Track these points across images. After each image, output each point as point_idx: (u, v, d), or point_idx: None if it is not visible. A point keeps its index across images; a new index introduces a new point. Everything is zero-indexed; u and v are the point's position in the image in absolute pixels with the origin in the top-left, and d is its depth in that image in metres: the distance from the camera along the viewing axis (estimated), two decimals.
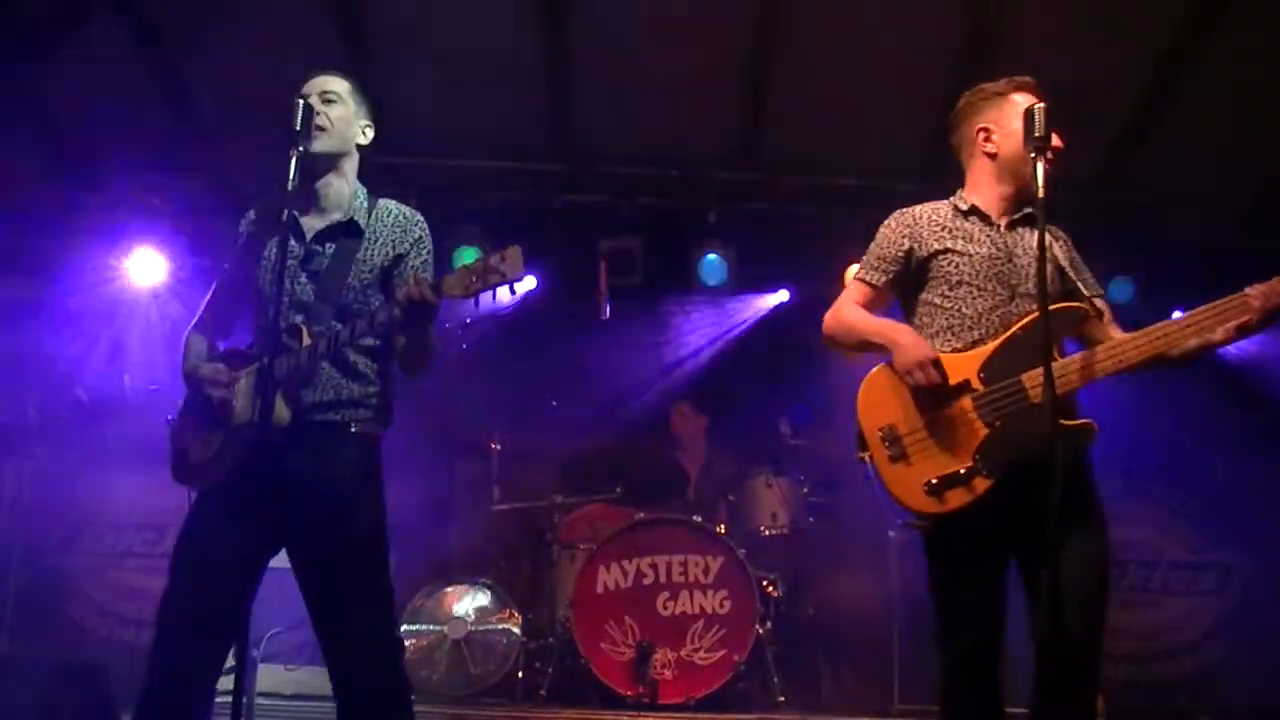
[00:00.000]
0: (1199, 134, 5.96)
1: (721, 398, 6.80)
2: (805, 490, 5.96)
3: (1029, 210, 2.94)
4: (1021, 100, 2.92)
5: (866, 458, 2.81)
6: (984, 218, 2.95)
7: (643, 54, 5.93)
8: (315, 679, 4.83)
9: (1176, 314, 2.74)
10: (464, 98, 6.06)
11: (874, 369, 2.93)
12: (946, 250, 2.91)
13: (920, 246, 2.95)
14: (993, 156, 2.97)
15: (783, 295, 7.15)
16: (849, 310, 2.99)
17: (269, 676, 4.97)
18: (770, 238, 6.77)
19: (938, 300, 2.92)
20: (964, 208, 2.98)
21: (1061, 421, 2.55)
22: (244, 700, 2.52)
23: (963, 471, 2.67)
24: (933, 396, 2.75)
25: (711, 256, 6.58)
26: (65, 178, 6.50)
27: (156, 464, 2.91)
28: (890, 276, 2.98)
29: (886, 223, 3.04)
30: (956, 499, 2.67)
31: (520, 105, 6.27)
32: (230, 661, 2.65)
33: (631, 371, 6.78)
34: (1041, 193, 2.64)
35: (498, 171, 6.62)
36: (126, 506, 6.67)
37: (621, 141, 6.43)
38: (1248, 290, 2.64)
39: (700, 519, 5.55)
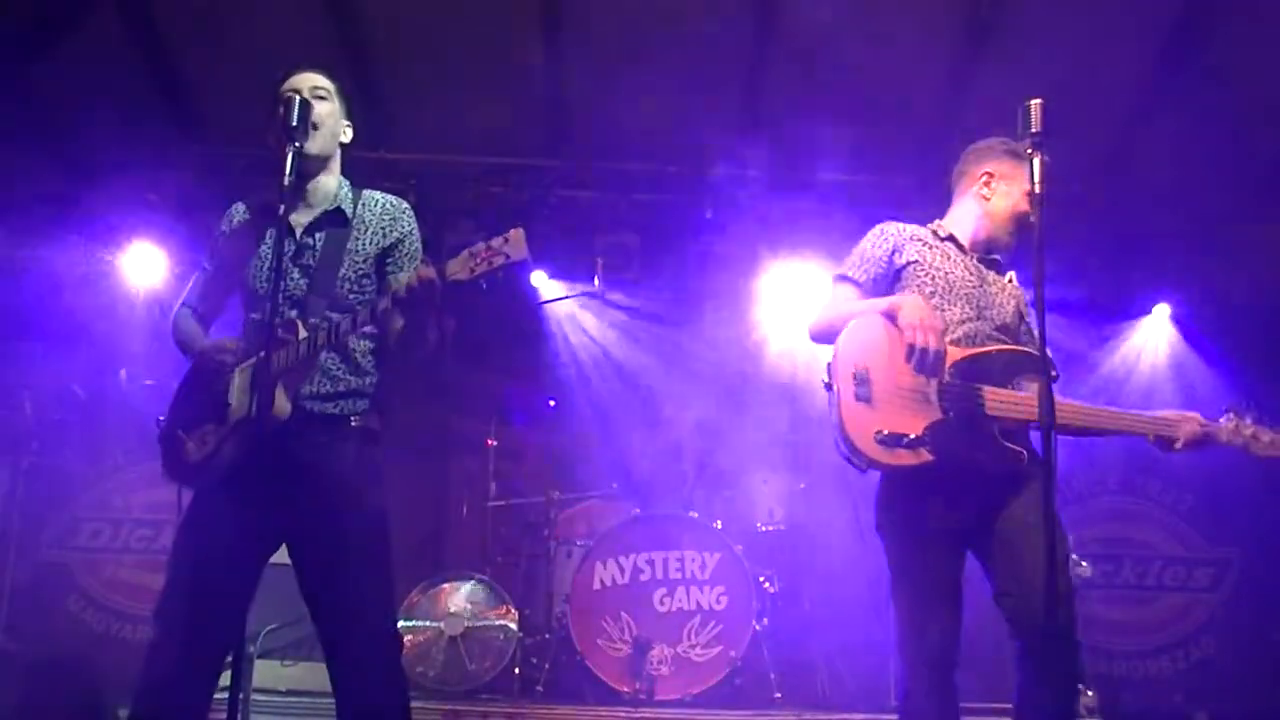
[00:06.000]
0: (1193, 133, 5.97)
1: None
2: (802, 486, 5.97)
3: (995, 257, 3.17)
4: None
5: (834, 387, 2.92)
6: (959, 246, 3.15)
7: (640, 49, 5.92)
8: (312, 674, 4.84)
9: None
10: (461, 94, 6.06)
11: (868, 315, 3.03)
12: (922, 261, 3.08)
13: (900, 254, 3.11)
14: (985, 201, 3.16)
15: None
16: (840, 304, 3.09)
17: (265, 672, 4.97)
18: (769, 234, 6.77)
19: None
20: (942, 234, 3.18)
21: (1004, 442, 2.87)
22: (240, 696, 2.52)
23: (912, 437, 2.84)
24: (917, 360, 2.86)
25: None
26: (64, 176, 6.49)
27: (153, 460, 2.89)
28: (873, 275, 3.11)
29: (871, 231, 3.19)
30: (901, 458, 2.85)
31: (517, 101, 6.26)
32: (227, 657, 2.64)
33: (629, 368, 6.78)
34: (1038, 188, 2.71)
35: (495, 168, 6.62)
36: (123, 503, 6.68)
37: (618, 138, 6.43)
38: (1189, 416, 2.98)
39: (697, 515, 5.57)
